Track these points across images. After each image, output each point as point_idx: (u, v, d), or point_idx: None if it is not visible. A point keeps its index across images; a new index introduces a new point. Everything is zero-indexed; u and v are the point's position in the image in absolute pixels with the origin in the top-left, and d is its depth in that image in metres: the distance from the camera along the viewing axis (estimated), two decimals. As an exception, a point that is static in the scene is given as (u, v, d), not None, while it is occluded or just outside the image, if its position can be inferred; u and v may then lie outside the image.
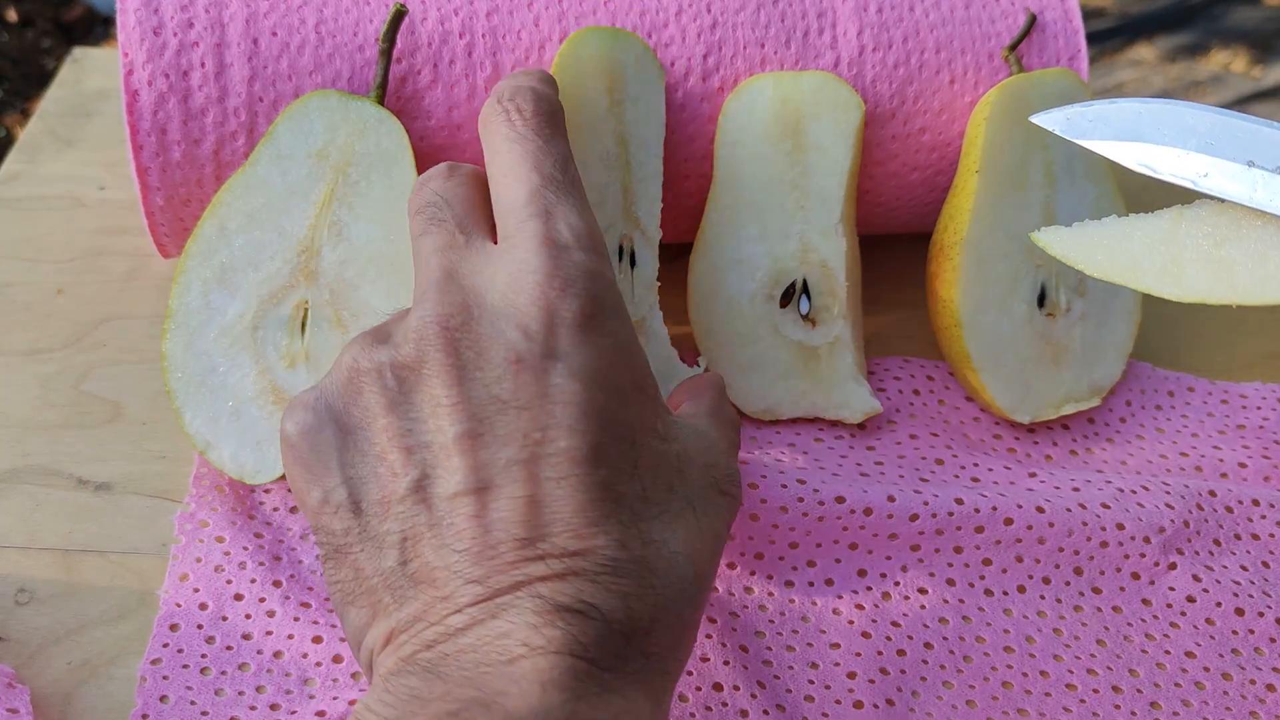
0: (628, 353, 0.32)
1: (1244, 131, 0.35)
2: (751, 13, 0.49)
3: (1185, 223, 0.34)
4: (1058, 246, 0.37)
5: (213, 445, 0.43)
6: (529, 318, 0.30)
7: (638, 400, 0.31)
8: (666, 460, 0.32)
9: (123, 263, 0.54)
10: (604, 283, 0.32)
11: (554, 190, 0.33)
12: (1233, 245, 0.33)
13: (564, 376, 0.30)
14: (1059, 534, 0.44)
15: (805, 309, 0.49)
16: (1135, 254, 0.34)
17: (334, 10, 0.46)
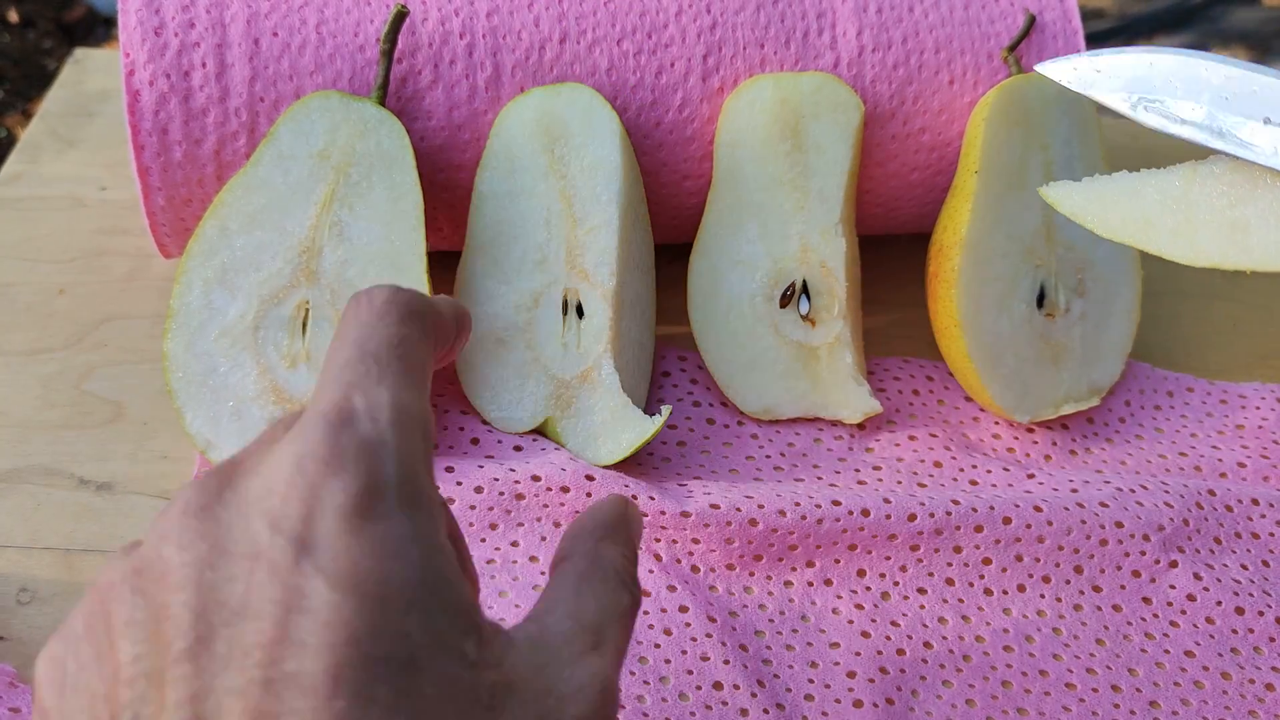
0: (422, 550, 0.23)
1: (1262, 86, 0.33)
2: (751, 13, 0.49)
3: (1199, 180, 0.33)
4: (1066, 203, 0.35)
5: (214, 445, 0.43)
6: (282, 503, 0.23)
7: (428, 611, 0.23)
8: (471, 693, 0.23)
9: (124, 263, 0.55)
10: (395, 461, 0.24)
11: (369, 364, 0.25)
12: (1248, 205, 0.32)
13: (314, 578, 0.22)
14: (1058, 533, 0.44)
15: (805, 309, 0.49)
16: (1147, 212, 0.33)
17: (335, 11, 0.46)
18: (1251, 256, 0.31)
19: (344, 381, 0.25)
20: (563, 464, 0.44)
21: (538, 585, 0.42)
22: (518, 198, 0.47)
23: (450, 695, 0.23)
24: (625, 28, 0.48)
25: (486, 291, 0.47)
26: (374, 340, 0.26)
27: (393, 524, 0.23)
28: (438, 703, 0.23)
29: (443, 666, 0.23)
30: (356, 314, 0.27)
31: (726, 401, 0.50)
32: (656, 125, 0.49)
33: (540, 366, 0.46)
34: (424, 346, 0.27)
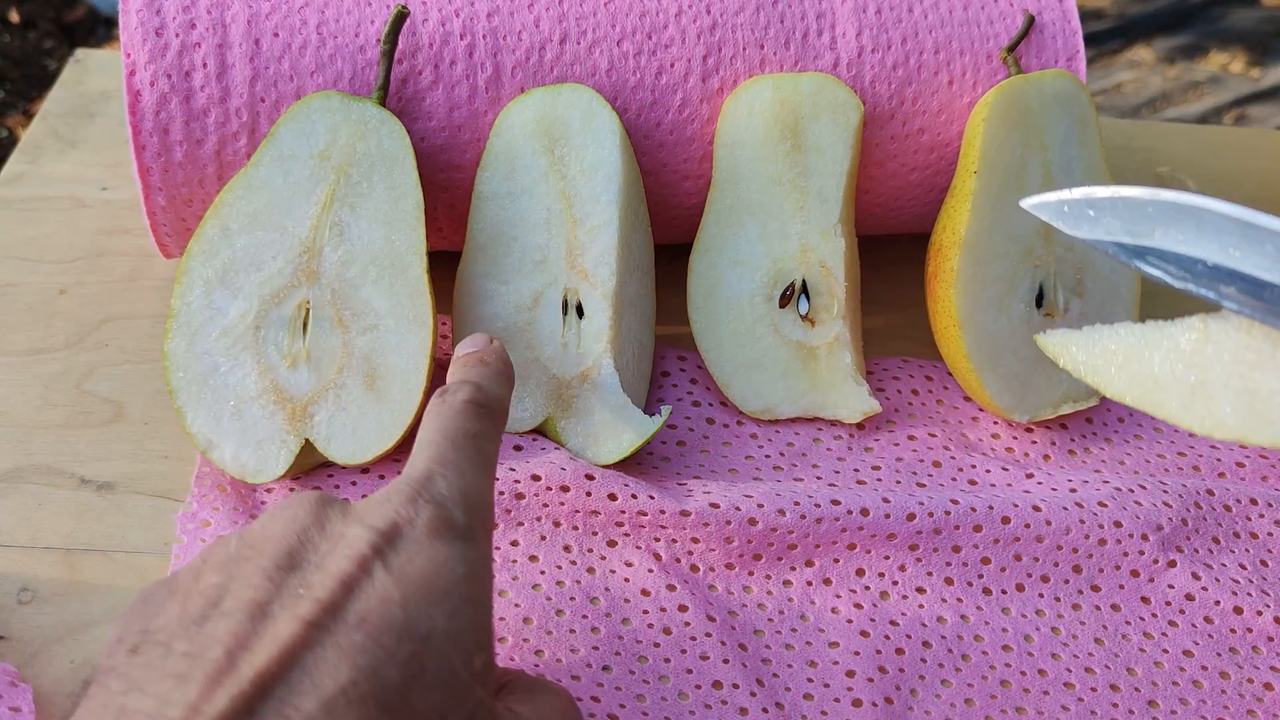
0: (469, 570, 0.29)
1: (1275, 236, 0.29)
2: (751, 14, 0.49)
3: (1211, 340, 0.29)
4: (1066, 357, 0.32)
5: (214, 445, 0.43)
6: (376, 515, 0.29)
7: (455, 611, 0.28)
8: (461, 693, 0.28)
9: (125, 263, 0.55)
10: (462, 509, 0.30)
11: (447, 447, 0.32)
12: (1267, 371, 0.28)
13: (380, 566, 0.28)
14: (1057, 532, 0.44)
15: (804, 309, 0.49)
16: (1156, 374, 0.30)
17: (335, 11, 0.47)
18: (1276, 429, 0.28)
19: (427, 458, 0.32)
20: (563, 464, 0.44)
21: (537, 585, 0.42)
22: (518, 198, 0.47)
23: (446, 683, 0.27)
24: (625, 28, 0.48)
25: (486, 291, 0.47)
26: (455, 429, 0.33)
27: (454, 546, 0.29)
28: (434, 684, 0.27)
29: (450, 658, 0.27)
30: (441, 409, 0.34)
31: (726, 401, 0.50)
32: (656, 125, 0.49)
33: (540, 366, 0.47)
34: (494, 439, 0.34)
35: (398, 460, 0.45)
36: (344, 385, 0.44)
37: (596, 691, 0.39)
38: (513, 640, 0.40)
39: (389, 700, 0.26)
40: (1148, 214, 0.30)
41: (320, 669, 0.25)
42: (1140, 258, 0.31)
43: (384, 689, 0.26)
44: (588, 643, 0.41)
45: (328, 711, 0.25)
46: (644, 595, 0.42)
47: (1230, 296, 0.29)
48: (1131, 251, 0.31)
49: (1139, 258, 0.31)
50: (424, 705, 0.26)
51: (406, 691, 0.26)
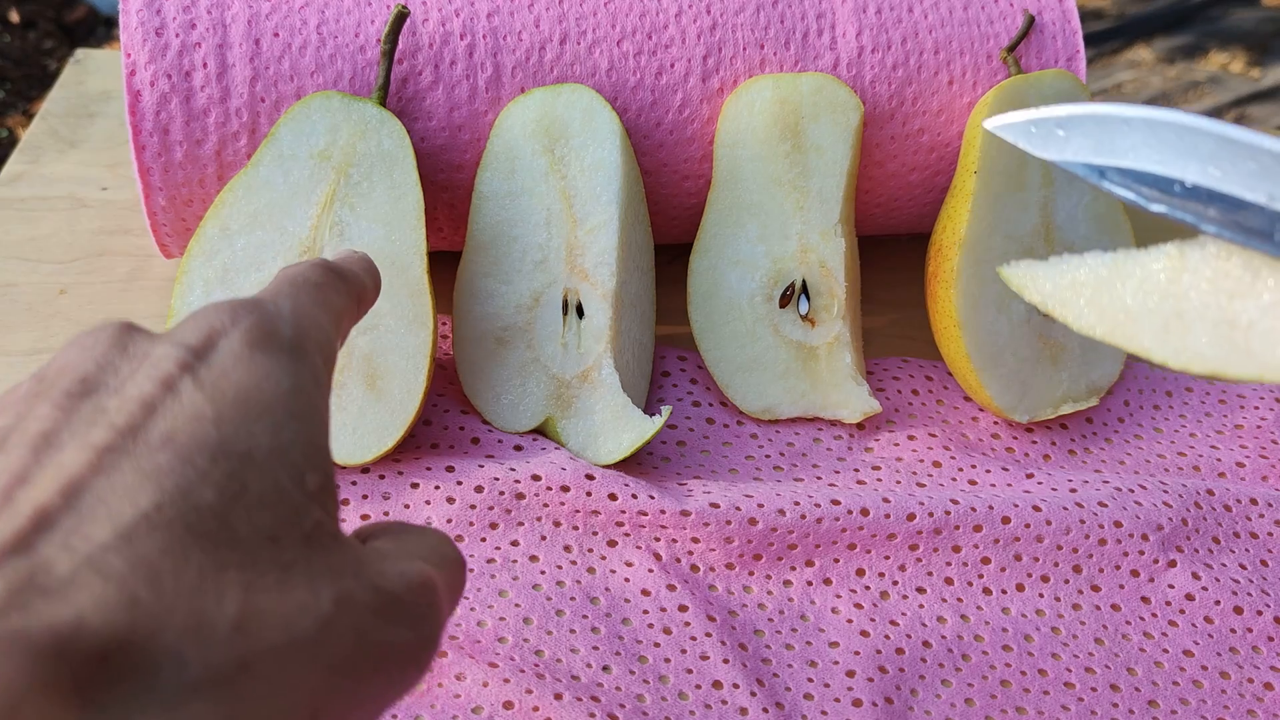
0: (295, 383, 0.26)
1: (1261, 154, 0.26)
2: (751, 14, 0.49)
3: (1187, 267, 0.27)
4: (1032, 289, 0.29)
5: (215, 444, 0.43)
6: (188, 330, 0.27)
7: (280, 425, 0.25)
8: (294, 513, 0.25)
9: (125, 263, 0.55)
10: (291, 323, 0.28)
11: (286, 285, 0.30)
12: (1247, 299, 0.26)
13: (189, 381, 0.25)
14: (1057, 532, 0.44)
15: (804, 309, 0.49)
16: (1128, 305, 0.27)
17: (336, 11, 0.47)
18: (1256, 362, 0.25)
19: (260, 293, 0.29)
20: (563, 463, 0.44)
21: (538, 585, 0.42)
22: (518, 198, 0.47)
23: (273, 503, 0.24)
24: (625, 28, 0.48)
25: (486, 291, 0.47)
26: (298, 275, 0.30)
27: (278, 358, 0.26)
28: (258, 504, 0.24)
29: (276, 475, 0.25)
30: (285, 269, 0.31)
31: (726, 401, 0.50)
32: (656, 126, 0.49)
33: (540, 366, 0.47)
34: (340, 294, 0.31)
35: (398, 460, 0.45)
36: (344, 385, 0.44)
37: (596, 691, 0.39)
38: (513, 640, 0.40)
39: (203, 524, 0.23)
40: (1120, 131, 0.28)
41: (116, 496, 0.23)
42: (1112, 179, 0.28)
43: (197, 511, 0.23)
44: (588, 643, 0.41)
45: (126, 539, 0.22)
46: (644, 595, 0.42)
47: (1210, 219, 0.27)
48: (1102, 172, 0.28)
49: (1110, 179, 0.28)
50: (247, 528, 0.24)
51: (225, 513, 0.24)
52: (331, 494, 0.26)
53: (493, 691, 0.39)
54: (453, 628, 0.40)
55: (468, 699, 0.39)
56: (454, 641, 0.40)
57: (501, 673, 0.39)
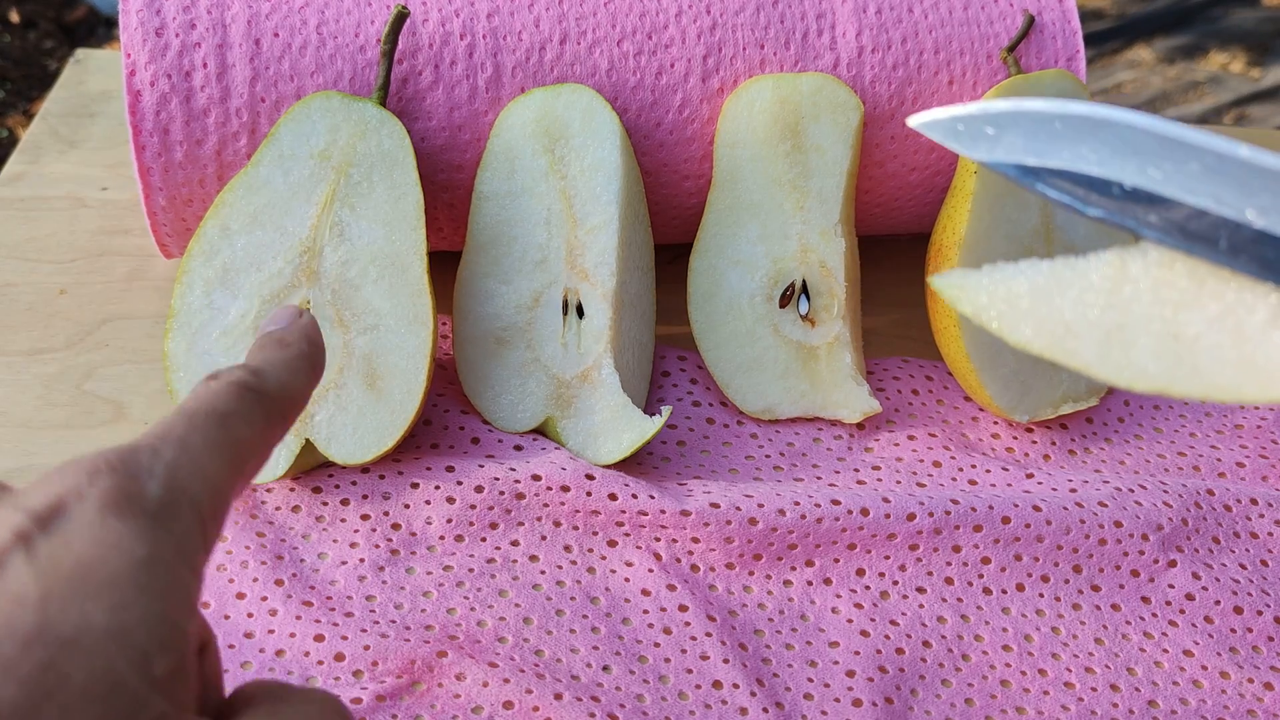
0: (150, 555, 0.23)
1: (1204, 155, 0.24)
2: (751, 14, 0.49)
3: (1130, 278, 0.25)
4: (966, 301, 0.26)
5: (215, 444, 0.43)
6: (38, 493, 0.24)
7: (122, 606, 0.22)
8: (131, 704, 0.21)
9: (125, 263, 0.55)
10: (162, 483, 0.24)
11: (179, 422, 0.26)
12: (1194, 311, 0.24)
13: (20, 555, 0.22)
14: (1057, 532, 0.44)
15: (804, 309, 0.49)
16: (1067, 318, 0.25)
17: (336, 11, 0.47)
18: (1202, 380, 0.23)
19: (146, 433, 0.25)
20: (563, 463, 0.44)
21: (538, 585, 0.42)
22: (518, 198, 0.47)
23: (102, 695, 0.21)
24: (625, 29, 0.48)
25: (486, 291, 0.47)
26: (203, 404, 0.26)
27: (135, 524, 0.23)
28: (82, 698, 0.21)
29: (111, 661, 0.22)
30: (198, 389, 0.27)
31: (726, 401, 0.50)
32: (656, 126, 0.49)
33: (540, 366, 0.47)
34: (252, 423, 0.27)
35: (398, 460, 0.45)
36: (344, 385, 0.44)
37: (596, 691, 0.39)
38: (513, 640, 0.40)
39: None
40: (1055, 130, 0.26)
41: None
42: (1045, 182, 0.26)
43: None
44: (588, 643, 0.41)
45: None
46: (644, 595, 0.42)
47: (1151, 225, 0.25)
48: (1036, 175, 0.26)
49: (1044, 182, 0.26)
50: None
51: (34, 712, 0.20)
52: (185, 679, 0.23)
53: (493, 691, 0.39)
54: (452, 628, 0.40)
55: (468, 699, 0.39)
56: (454, 641, 0.40)
57: (501, 673, 0.39)
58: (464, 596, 0.41)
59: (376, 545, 0.43)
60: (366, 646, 0.39)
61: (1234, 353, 0.23)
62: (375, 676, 0.39)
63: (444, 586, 0.42)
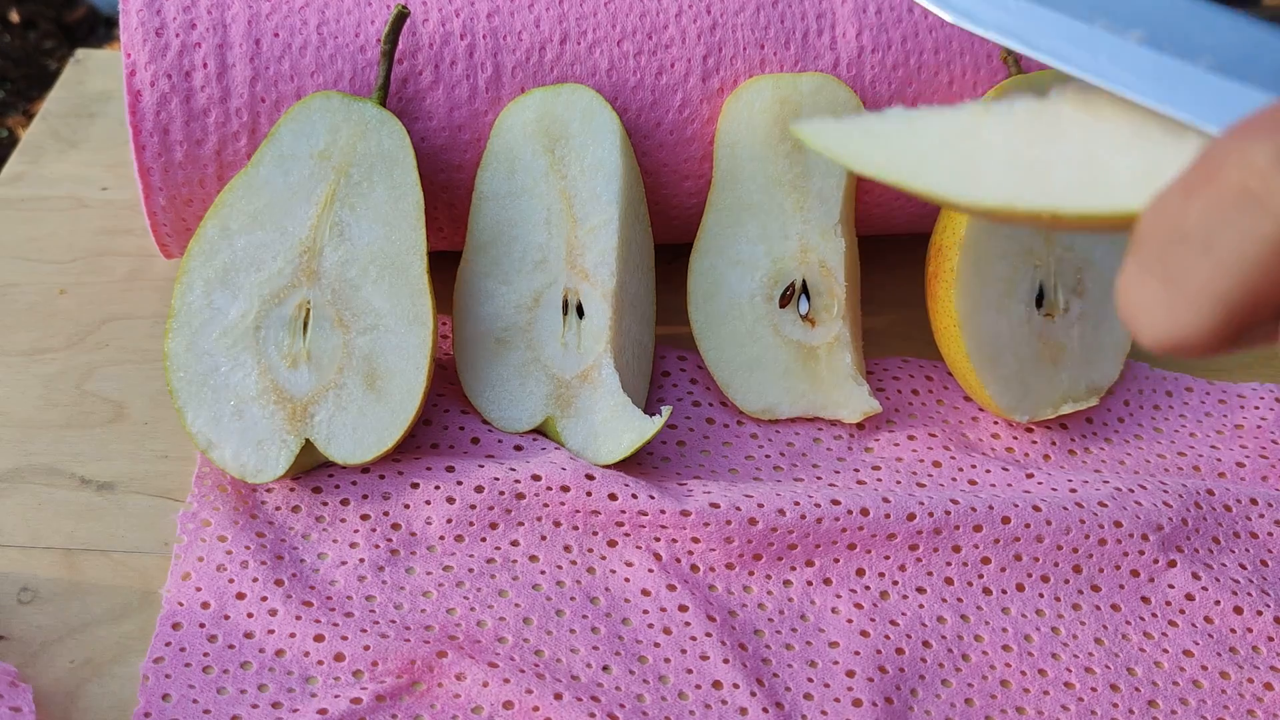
0: None
1: None
2: (751, 14, 0.49)
3: (993, 119, 0.25)
4: (820, 138, 0.26)
5: (215, 444, 0.43)
6: None
7: None
8: None
9: (125, 263, 0.55)
10: None
11: None
12: (1051, 146, 0.24)
13: None
14: (1057, 532, 0.44)
15: (804, 309, 0.49)
16: (922, 149, 0.25)
17: (336, 11, 0.47)
18: (1049, 195, 0.23)
19: None
20: (563, 463, 0.44)
21: (538, 585, 0.42)
22: (518, 198, 0.47)
23: None
24: (625, 28, 0.48)
25: (486, 291, 0.47)
26: None
27: None
28: None
29: None
30: None
31: (726, 401, 0.50)
32: (656, 126, 0.49)
33: (540, 366, 0.47)
34: None
35: (398, 460, 0.45)
36: (344, 385, 0.44)
37: (596, 691, 0.39)
38: (513, 640, 0.40)
39: None
40: None
41: None
42: None
43: None
44: (588, 643, 0.41)
45: None
46: (644, 595, 0.42)
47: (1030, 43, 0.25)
48: None
49: None
50: None
51: None
52: None
53: (493, 691, 0.39)
54: (452, 628, 0.40)
55: (468, 699, 0.39)
56: (454, 641, 0.40)
57: (501, 673, 0.39)
58: (464, 596, 0.41)
59: (376, 545, 0.43)
60: (366, 646, 0.39)
61: (1085, 174, 0.23)
62: (375, 676, 0.39)
63: (444, 586, 0.42)
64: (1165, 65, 0.23)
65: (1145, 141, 0.23)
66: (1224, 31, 0.23)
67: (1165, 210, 0.20)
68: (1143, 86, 0.23)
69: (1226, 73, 0.22)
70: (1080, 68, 0.24)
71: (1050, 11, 0.25)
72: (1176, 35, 0.23)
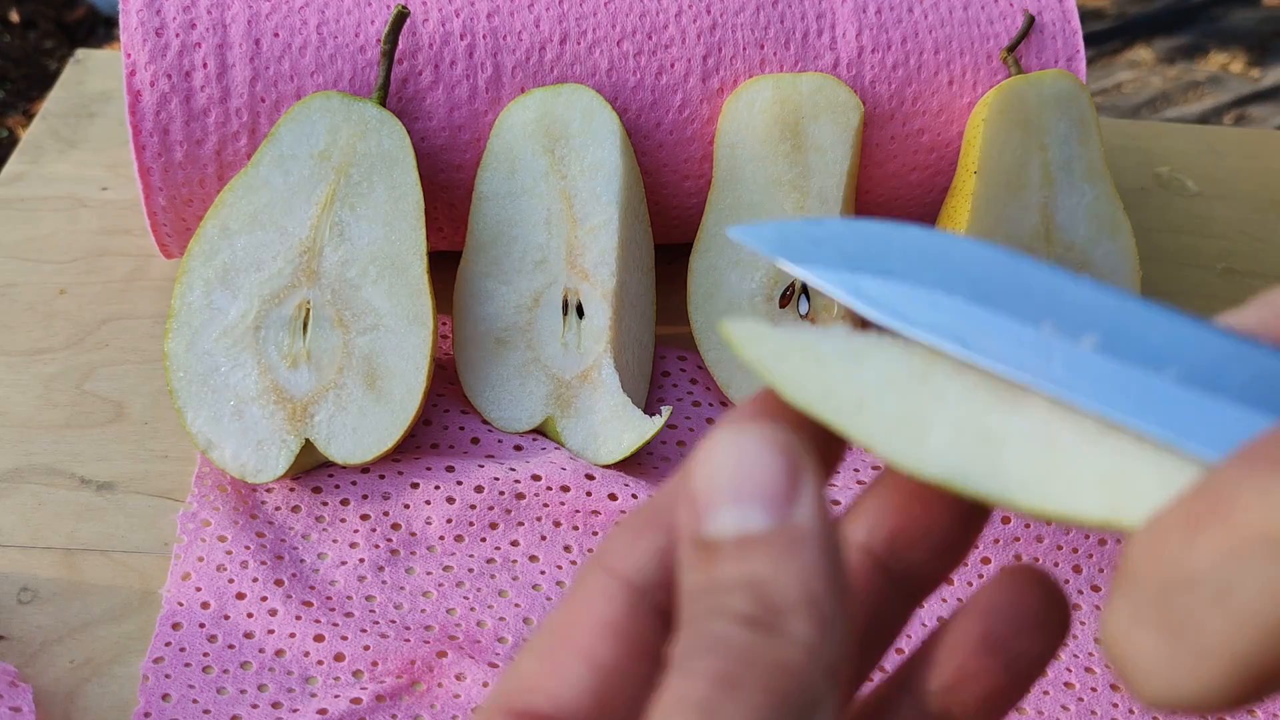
0: None
1: (1038, 280, 0.22)
2: (751, 14, 0.49)
3: (948, 368, 0.22)
4: (752, 348, 0.22)
5: (215, 444, 0.43)
6: None
7: None
8: None
9: (125, 263, 0.55)
10: None
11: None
12: (1010, 415, 0.21)
13: None
14: (1057, 532, 0.44)
15: (804, 309, 0.49)
16: (864, 387, 0.22)
17: (335, 11, 0.47)
18: (1000, 479, 0.20)
19: None
20: (563, 463, 0.44)
21: (537, 585, 0.42)
22: (518, 198, 0.47)
23: None
24: (625, 29, 0.48)
25: (486, 291, 0.47)
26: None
27: None
28: None
29: None
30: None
31: (726, 401, 0.50)
32: (656, 126, 0.49)
33: (540, 366, 0.47)
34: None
35: (398, 460, 0.45)
36: (344, 385, 0.44)
37: (596, 691, 0.39)
38: (513, 640, 0.40)
39: None
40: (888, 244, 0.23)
41: None
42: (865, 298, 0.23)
43: None
44: (588, 643, 0.41)
45: None
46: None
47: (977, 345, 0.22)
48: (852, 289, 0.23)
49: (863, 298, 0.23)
50: None
51: None
52: None
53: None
54: (452, 628, 0.40)
55: (468, 699, 0.39)
56: (454, 641, 0.40)
57: (501, 673, 0.39)
58: (464, 596, 0.41)
59: (376, 545, 0.43)
60: (366, 646, 0.39)
61: (1044, 461, 0.20)
62: (375, 676, 0.39)
63: (444, 587, 0.42)
64: (1127, 375, 0.20)
65: (1113, 439, 0.20)
66: (1186, 338, 0.20)
67: (1164, 547, 0.18)
68: (1106, 398, 0.20)
69: (1197, 385, 0.20)
70: (1032, 375, 0.21)
71: (991, 313, 0.22)
72: (1134, 341, 0.21)
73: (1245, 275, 0.61)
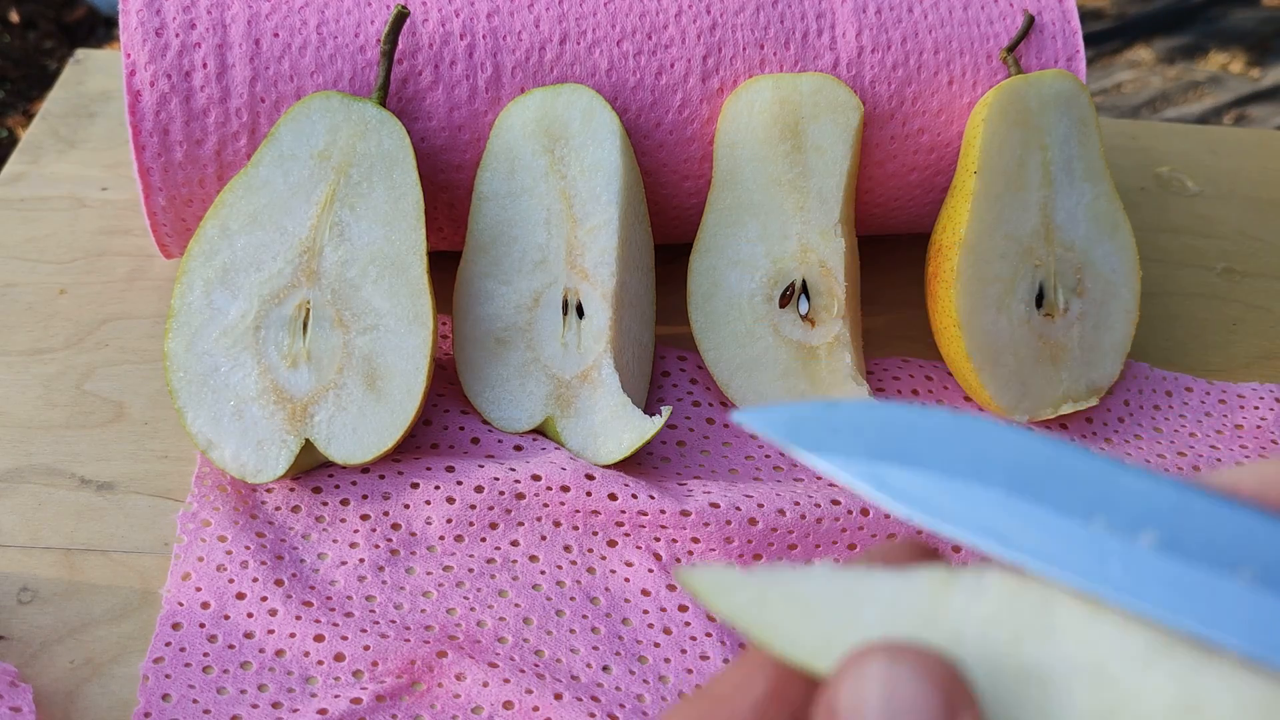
0: None
1: (1082, 468, 0.19)
2: (751, 14, 0.49)
3: (959, 599, 0.19)
4: (724, 600, 0.20)
5: (215, 444, 0.43)
6: None
7: None
8: None
9: (125, 263, 0.55)
10: None
11: None
12: (1042, 645, 0.18)
13: None
14: None
15: (804, 309, 0.49)
16: (870, 631, 0.19)
17: (335, 11, 0.47)
18: None
19: None
20: (563, 463, 0.44)
21: (538, 585, 0.42)
22: (518, 198, 0.47)
23: None
24: (625, 29, 0.48)
25: (486, 291, 0.47)
26: None
27: None
28: None
29: None
30: None
31: (726, 401, 0.50)
32: (656, 126, 0.49)
33: (540, 366, 0.47)
34: None
35: (398, 460, 0.45)
36: (344, 385, 0.44)
37: (596, 691, 0.39)
38: (513, 640, 0.40)
39: None
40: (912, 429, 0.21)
41: None
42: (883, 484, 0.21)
43: None
44: (588, 643, 0.41)
45: None
46: (644, 595, 0.42)
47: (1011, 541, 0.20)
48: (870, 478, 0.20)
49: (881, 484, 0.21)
50: None
51: None
52: None
53: (493, 691, 0.39)
54: (452, 628, 0.40)
55: (468, 699, 0.39)
56: (454, 641, 0.40)
57: (501, 673, 0.39)
58: (464, 596, 0.41)
59: (376, 545, 0.43)
60: (366, 646, 0.39)
61: (1099, 700, 0.18)
62: (375, 676, 0.39)
63: (444, 586, 0.42)
64: (1195, 578, 0.18)
65: (1168, 655, 0.18)
66: (1257, 533, 0.18)
67: None
68: (1172, 603, 0.18)
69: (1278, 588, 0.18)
70: (1086, 578, 0.18)
71: (1033, 506, 0.19)
72: (1199, 538, 0.18)
73: (1245, 275, 0.61)
